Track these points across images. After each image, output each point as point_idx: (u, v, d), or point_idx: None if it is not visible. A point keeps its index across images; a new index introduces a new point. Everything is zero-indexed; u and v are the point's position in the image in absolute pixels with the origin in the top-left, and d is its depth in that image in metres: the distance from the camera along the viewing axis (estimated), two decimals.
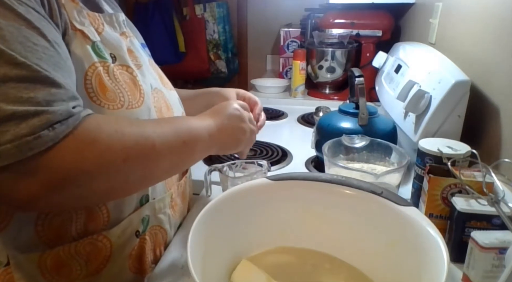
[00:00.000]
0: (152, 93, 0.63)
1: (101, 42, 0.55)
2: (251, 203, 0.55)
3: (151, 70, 0.68)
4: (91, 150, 0.44)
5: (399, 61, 1.21)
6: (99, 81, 0.52)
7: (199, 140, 0.58)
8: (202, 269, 0.42)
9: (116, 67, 0.56)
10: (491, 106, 0.85)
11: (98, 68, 0.53)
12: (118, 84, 0.55)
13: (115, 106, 0.54)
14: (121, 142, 0.47)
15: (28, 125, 0.39)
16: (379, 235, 0.52)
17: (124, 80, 0.56)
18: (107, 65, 0.55)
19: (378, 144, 0.82)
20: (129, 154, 0.47)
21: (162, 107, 0.65)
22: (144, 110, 0.58)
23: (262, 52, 2.48)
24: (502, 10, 0.84)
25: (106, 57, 0.55)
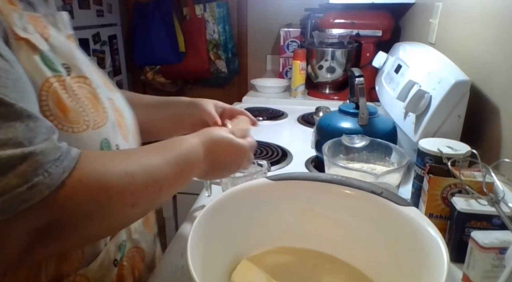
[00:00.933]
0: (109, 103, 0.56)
1: (50, 50, 0.46)
2: (251, 203, 0.55)
3: (95, 74, 0.56)
4: (100, 199, 0.40)
5: (399, 61, 1.21)
6: (57, 101, 0.44)
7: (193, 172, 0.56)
8: (202, 269, 0.42)
9: (72, 81, 0.47)
10: (491, 106, 0.85)
11: (54, 84, 0.44)
12: (79, 102, 0.46)
13: (80, 128, 0.46)
14: (131, 187, 0.43)
15: (17, 174, 0.34)
16: (379, 235, 0.52)
17: (84, 96, 0.48)
18: (63, 80, 0.45)
19: (378, 144, 0.82)
20: (138, 199, 0.44)
21: (117, 117, 0.56)
22: (110, 127, 0.51)
23: (262, 52, 2.49)
24: (502, 10, 0.84)
25: (60, 70, 0.46)
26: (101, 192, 0.40)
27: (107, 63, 2.39)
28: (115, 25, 2.49)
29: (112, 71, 2.45)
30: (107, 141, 0.50)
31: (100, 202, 0.40)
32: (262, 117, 1.50)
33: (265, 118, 1.50)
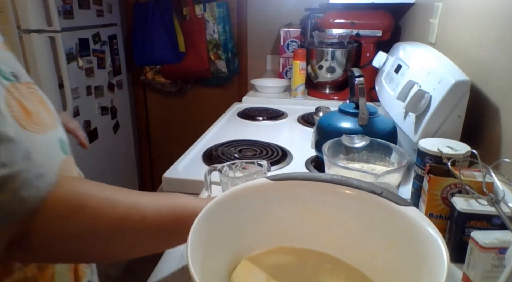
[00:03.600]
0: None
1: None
2: (251, 203, 0.55)
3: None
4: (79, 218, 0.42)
5: (399, 61, 1.21)
6: (21, 106, 0.46)
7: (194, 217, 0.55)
8: (202, 269, 0.42)
9: (23, 87, 0.49)
10: (491, 106, 0.85)
11: (14, 93, 0.46)
12: (35, 106, 0.49)
13: (43, 129, 0.48)
14: (110, 212, 0.44)
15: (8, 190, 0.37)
16: (379, 235, 0.52)
17: (37, 100, 0.51)
18: (17, 87, 0.48)
19: (378, 144, 0.82)
20: (116, 225, 0.45)
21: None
22: (60, 128, 0.53)
23: (262, 52, 2.49)
24: (502, 10, 0.84)
25: (11, 78, 0.48)
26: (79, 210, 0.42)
27: (107, 63, 2.39)
28: (115, 25, 2.49)
29: (112, 71, 2.45)
30: (61, 139, 0.52)
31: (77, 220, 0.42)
32: (262, 117, 1.50)
33: (265, 118, 1.50)
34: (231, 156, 1.12)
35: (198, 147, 1.20)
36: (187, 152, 1.16)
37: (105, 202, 0.44)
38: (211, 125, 1.41)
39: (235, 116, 1.54)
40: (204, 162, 1.09)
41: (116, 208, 0.45)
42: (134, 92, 2.80)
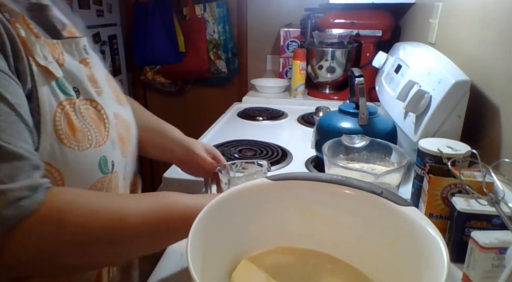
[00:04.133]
0: (115, 120, 0.61)
1: (64, 76, 0.53)
2: (251, 203, 0.55)
3: (108, 89, 0.64)
4: (60, 233, 0.43)
5: (399, 61, 1.21)
6: (68, 121, 0.50)
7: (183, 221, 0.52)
8: (202, 269, 0.42)
9: (81, 103, 0.54)
10: (491, 106, 0.85)
11: (66, 107, 0.51)
12: (85, 122, 0.53)
13: (83, 146, 0.52)
14: (94, 224, 0.45)
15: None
16: (379, 235, 0.52)
17: (90, 117, 0.54)
18: (73, 102, 0.52)
19: (378, 144, 0.82)
20: (101, 235, 0.46)
21: (122, 132, 0.63)
22: (109, 145, 0.56)
23: (262, 52, 2.49)
24: (502, 10, 0.84)
25: (71, 93, 0.53)
26: (60, 227, 0.43)
27: (107, 63, 2.39)
28: (115, 25, 2.49)
29: (112, 71, 2.45)
30: (104, 158, 0.55)
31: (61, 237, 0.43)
32: (262, 117, 1.50)
33: (265, 118, 1.50)
34: (231, 156, 1.12)
35: None
36: None
37: (88, 213, 0.45)
38: (211, 125, 1.41)
39: (235, 116, 1.54)
40: None
41: (99, 219, 0.46)
42: (134, 92, 2.80)
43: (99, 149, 0.54)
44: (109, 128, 0.57)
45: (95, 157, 0.53)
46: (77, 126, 0.51)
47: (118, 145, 0.60)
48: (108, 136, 0.56)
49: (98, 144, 0.54)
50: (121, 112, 0.65)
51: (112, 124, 0.58)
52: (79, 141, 0.51)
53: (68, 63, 0.54)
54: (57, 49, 0.53)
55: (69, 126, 0.50)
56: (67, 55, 0.55)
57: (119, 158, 0.59)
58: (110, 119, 0.58)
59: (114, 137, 0.58)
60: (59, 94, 0.50)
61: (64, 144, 0.49)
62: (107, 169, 0.55)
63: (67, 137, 0.50)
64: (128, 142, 0.64)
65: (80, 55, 0.58)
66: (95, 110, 0.56)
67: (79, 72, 0.56)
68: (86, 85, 0.56)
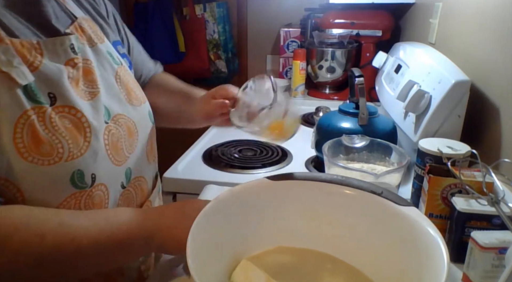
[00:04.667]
0: (108, 127, 0.56)
1: (36, 81, 0.48)
2: (251, 203, 0.55)
3: (117, 88, 0.60)
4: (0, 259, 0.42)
5: (399, 61, 1.21)
6: (32, 133, 0.46)
7: (138, 237, 0.52)
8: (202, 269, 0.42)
9: (54, 111, 0.49)
10: (491, 106, 0.85)
11: (31, 117, 0.46)
12: (56, 133, 0.48)
13: (51, 161, 0.47)
14: (38, 248, 0.44)
15: None
16: (379, 235, 0.52)
17: (64, 126, 0.49)
18: (43, 111, 0.48)
19: (378, 144, 0.82)
20: (44, 260, 0.45)
21: (120, 137, 0.58)
22: (89, 157, 0.52)
23: (262, 52, 2.48)
24: (502, 10, 0.84)
25: (42, 101, 0.48)
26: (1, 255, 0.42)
27: None
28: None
29: None
30: (80, 172, 0.51)
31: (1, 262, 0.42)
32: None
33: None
34: (231, 155, 1.12)
35: (198, 147, 1.20)
36: (187, 152, 1.16)
37: (33, 238, 0.43)
38: (211, 125, 1.41)
39: None
40: (204, 162, 1.09)
41: (45, 243, 0.44)
42: None
43: (73, 162, 0.50)
44: (90, 138, 0.52)
45: (66, 171, 0.49)
46: (44, 138, 0.47)
47: (107, 154, 0.55)
48: (88, 147, 0.52)
49: (71, 157, 0.49)
50: (129, 113, 0.61)
51: (96, 133, 0.53)
52: (44, 154, 0.47)
53: (46, 66, 0.50)
54: (34, 50, 0.49)
55: (32, 138, 0.46)
56: (47, 58, 0.51)
57: (107, 169, 0.55)
58: (95, 127, 0.53)
59: (98, 147, 0.53)
60: (24, 103, 0.46)
61: (25, 158, 0.46)
62: (83, 183, 0.51)
63: (28, 151, 0.46)
64: (130, 146, 0.61)
65: (66, 56, 0.53)
66: (74, 118, 0.51)
67: (58, 76, 0.51)
68: (65, 90, 0.51)
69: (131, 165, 0.61)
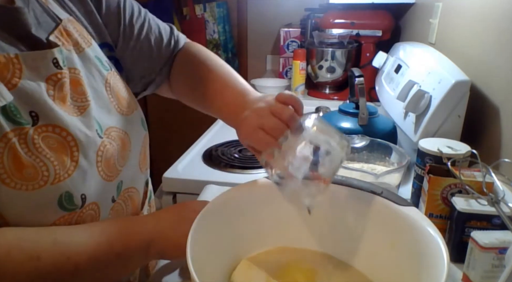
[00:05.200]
0: (103, 142, 0.53)
1: (16, 99, 0.44)
2: (251, 203, 0.55)
3: (107, 97, 0.56)
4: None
5: (399, 61, 1.21)
6: (14, 158, 0.43)
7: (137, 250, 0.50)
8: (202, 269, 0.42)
9: (37, 131, 0.46)
10: (491, 106, 0.85)
11: (12, 140, 0.43)
12: (39, 156, 0.45)
13: (35, 185, 0.44)
14: (36, 271, 0.42)
15: None
16: (379, 235, 0.52)
17: (48, 146, 0.46)
18: (25, 132, 0.44)
19: (378, 144, 0.82)
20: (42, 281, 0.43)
21: (113, 152, 0.55)
22: (77, 177, 0.48)
23: (262, 52, 2.48)
24: (502, 10, 0.84)
25: (22, 121, 0.44)
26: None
27: None
28: None
29: None
30: (68, 194, 0.48)
31: None
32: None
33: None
34: (231, 155, 1.12)
35: (198, 147, 1.20)
36: (187, 152, 1.16)
37: (27, 260, 0.42)
38: (211, 125, 1.41)
39: None
40: (204, 162, 1.09)
41: (40, 265, 0.43)
42: None
43: (59, 184, 0.46)
44: (78, 156, 0.49)
45: (53, 194, 0.46)
46: (26, 162, 0.44)
47: (98, 171, 0.52)
48: (76, 167, 0.48)
49: (58, 179, 0.46)
50: (120, 124, 0.58)
51: (86, 150, 0.50)
52: (28, 178, 0.44)
53: (26, 82, 0.46)
54: (12, 65, 0.45)
55: (14, 163, 0.43)
56: (28, 71, 0.46)
57: (97, 186, 0.52)
58: (85, 143, 0.50)
59: (87, 166, 0.50)
60: (3, 125, 0.43)
61: (6, 184, 0.43)
62: (72, 205, 0.48)
63: (10, 177, 0.43)
64: (123, 159, 0.57)
65: (48, 71, 0.49)
66: (59, 137, 0.48)
67: (39, 93, 0.47)
68: (48, 108, 0.47)
69: (123, 177, 0.58)
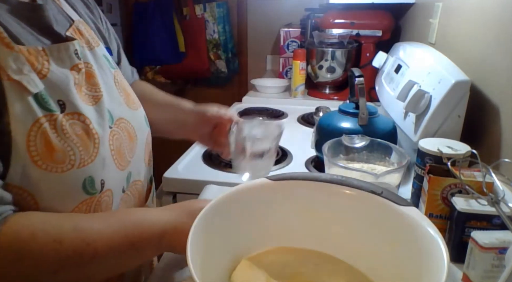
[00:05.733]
0: (112, 132, 0.56)
1: (46, 88, 0.48)
2: (251, 203, 0.55)
3: (115, 92, 0.61)
4: (19, 268, 0.41)
5: (399, 61, 1.21)
6: (45, 141, 0.46)
7: (151, 241, 0.52)
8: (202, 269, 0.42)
9: (65, 118, 0.49)
10: (491, 106, 0.85)
11: (44, 125, 0.46)
12: (67, 141, 0.48)
13: (64, 168, 0.48)
14: (57, 254, 0.43)
15: None
16: (379, 235, 0.52)
17: (74, 133, 0.50)
18: (54, 118, 0.48)
19: (378, 144, 0.82)
20: (63, 265, 0.45)
21: (123, 142, 0.59)
22: (98, 163, 0.52)
23: (262, 52, 2.48)
24: (502, 10, 0.84)
25: (53, 108, 0.48)
26: (18, 261, 0.41)
27: None
28: (115, 25, 2.49)
29: None
30: (90, 178, 0.51)
31: (17, 271, 0.42)
32: (262, 117, 1.50)
33: (265, 118, 1.50)
34: None
35: (198, 147, 1.20)
36: (187, 152, 1.16)
37: (50, 244, 0.43)
38: None
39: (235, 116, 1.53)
40: (204, 162, 1.09)
41: (62, 248, 0.44)
42: None
43: (84, 169, 0.50)
44: (98, 144, 0.53)
45: (79, 178, 0.49)
46: (56, 146, 0.47)
47: (113, 159, 0.56)
48: (97, 154, 0.52)
49: (82, 164, 0.50)
50: (129, 117, 0.61)
51: (103, 140, 0.54)
52: (58, 161, 0.47)
53: (54, 73, 0.50)
54: (41, 57, 0.49)
55: (46, 146, 0.46)
56: (54, 63, 0.51)
57: (112, 174, 0.56)
58: (101, 134, 0.54)
59: (105, 153, 0.54)
60: (36, 110, 0.46)
61: (39, 166, 0.46)
62: (93, 189, 0.52)
63: (42, 159, 0.46)
64: (130, 152, 0.61)
65: (71, 61, 0.54)
66: (83, 125, 0.51)
67: (66, 83, 0.51)
68: (73, 98, 0.51)
69: (131, 168, 0.61)
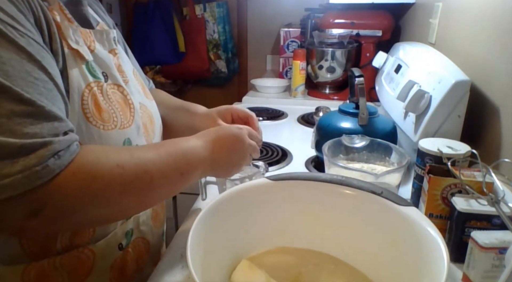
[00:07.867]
0: (140, 110, 0.64)
1: (93, 61, 0.56)
2: (251, 203, 0.55)
3: (135, 82, 0.68)
4: (91, 187, 0.45)
5: (399, 61, 1.21)
6: (95, 102, 0.54)
7: (196, 170, 0.59)
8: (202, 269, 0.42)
9: (108, 87, 0.57)
10: (491, 106, 0.85)
11: (94, 88, 0.54)
12: (111, 104, 0.56)
13: (109, 127, 0.55)
14: (121, 177, 0.48)
15: (36, 156, 0.41)
16: (379, 235, 0.52)
17: (116, 100, 0.58)
18: (101, 85, 0.56)
19: (378, 144, 0.82)
20: (127, 188, 0.49)
21: (147, 122, 0.66)
22: (134, 129, 0.60)
23: (262, 52, 2.48)
24: (502, 10, 0.84)
25: (100, 77, 0.56)
26: (91, 181, 0.45)
27: None
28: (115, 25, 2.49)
29: None
30: (129, 140, 0.58)
31: (93, 190, 0.46)
32: (262, 117, 1.50)
33: (265, 118, 1.50)
34: None
35: None
36: None
37: (114, 168, 0.47)
38: None
39: None
40: None
41: (125, 172, 0.48)
42: None
43: (124, 131, 0.57)
44: (134, 113, 0.61)
45: (120, 138, 0.57)
46: (103, 107, 0.55)
47: (143, 131, 0.63)
48: (133, 121, 0.60)
49: (123, 126, 0.57)
50: (147, 104, 0.68)
51: (137, 111, 0.62)
52: (105, 120, 0.54)
53: (98, 50, 0.58)
54: (89, 37, 0.57)
55: (95, 106, 0.53)
56: (98, 44, 0.59)
57: (143, 143, 0.62)
58: (136, 106, 0.62)
59: (139, 123, 0.62)
60: (88, 76, 0.54)
61: (90, 122, 0.52)
62: None
63: (93, 116, 0.53)
64: (152, 132, 0.67)
65: (110, 46, 0.62)
66: (122, 95, 0.60)
67: (108, 60, 0.59)
68: (114, 72, 0.60)
69: None
